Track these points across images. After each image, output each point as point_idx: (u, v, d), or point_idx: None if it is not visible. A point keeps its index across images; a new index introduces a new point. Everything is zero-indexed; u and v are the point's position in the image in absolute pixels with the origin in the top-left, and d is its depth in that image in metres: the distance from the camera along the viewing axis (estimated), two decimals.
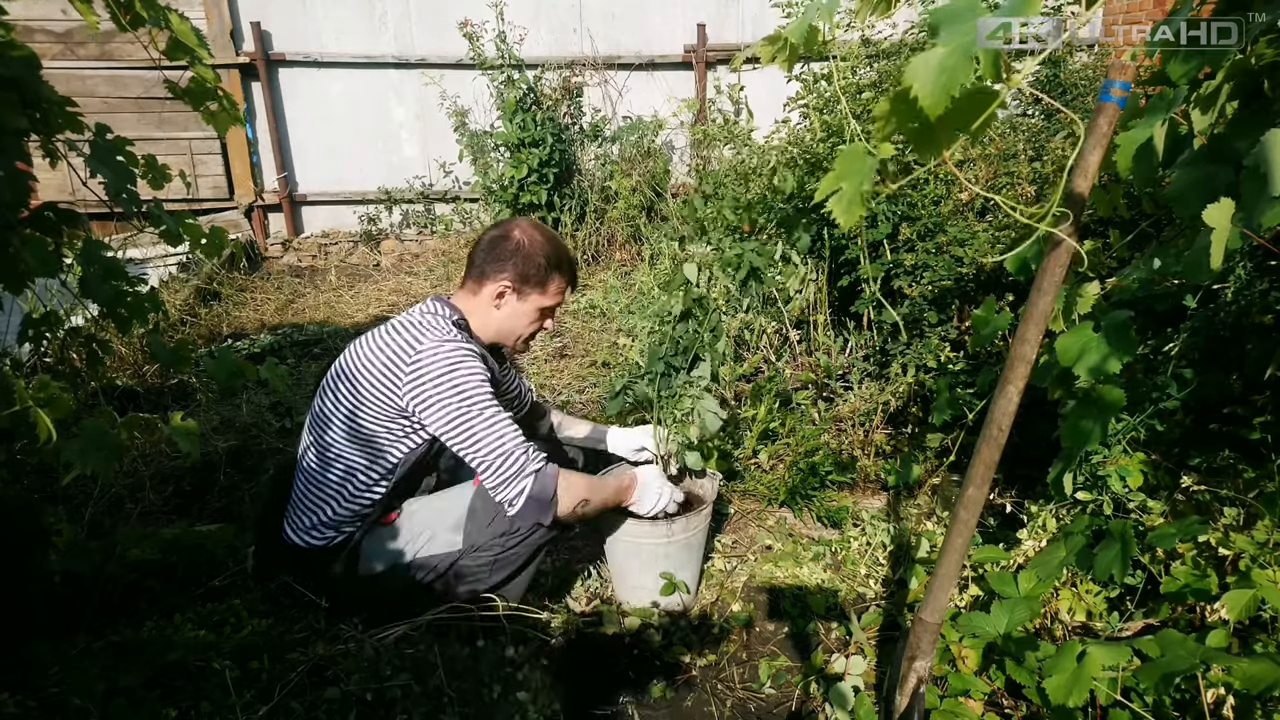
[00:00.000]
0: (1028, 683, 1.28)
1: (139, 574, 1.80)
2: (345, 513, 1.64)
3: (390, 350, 1.58)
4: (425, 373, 1.54)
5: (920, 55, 0.70)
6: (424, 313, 1.65)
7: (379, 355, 1.59)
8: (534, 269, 1.65)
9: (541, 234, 1.69)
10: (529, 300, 1.68)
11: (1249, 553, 1.33)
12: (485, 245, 1.68)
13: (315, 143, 5.59)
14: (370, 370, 1.59)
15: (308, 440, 1.70)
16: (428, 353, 1.55)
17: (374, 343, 1.62)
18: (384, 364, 1.57)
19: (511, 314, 1.69)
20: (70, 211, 1.40)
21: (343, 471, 1.63)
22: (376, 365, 1.58)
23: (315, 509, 1.64)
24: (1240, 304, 1.59)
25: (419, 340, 1.57)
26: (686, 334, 1.75)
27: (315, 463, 1.66)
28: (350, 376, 1.62)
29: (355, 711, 1.46)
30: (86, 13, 1.30)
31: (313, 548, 1.65)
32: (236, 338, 3.78)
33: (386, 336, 1.61)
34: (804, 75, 2.99)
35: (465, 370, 1.55)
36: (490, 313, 1.69)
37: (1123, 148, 1.00)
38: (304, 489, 1.67)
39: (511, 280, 1.66)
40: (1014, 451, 1.91)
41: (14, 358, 2.05)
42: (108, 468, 1.20)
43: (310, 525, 1.65)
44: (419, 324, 1.61)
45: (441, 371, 1.54)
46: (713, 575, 1.97)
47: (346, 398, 1.61)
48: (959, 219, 2.40)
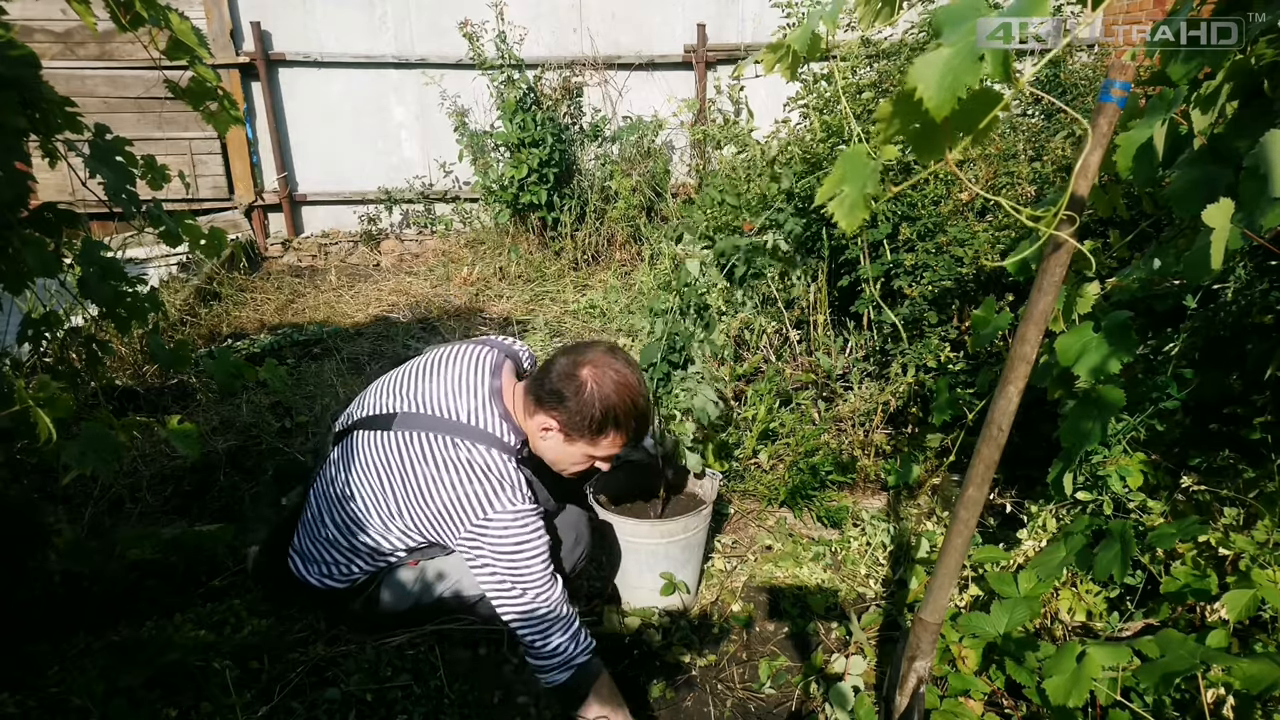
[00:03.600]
0: (1028, 683, 1.28)
1: (139, 574, 1.80)
2: (361, 569, 1.60)
3: (458, 494, 1.45)
4: (490, 544, 1.44)
5: (925, 56, 0.70)
6: (492, 442, 1.48)
7: (443, 491, 1.46)
8: (586, 421, 1.47)
9: (614, 382, 1.47)
10: (577, 445, 1.52)
11: (1249, 553, 1.33)
12: (558, 371, 1.50)
13: (315, 142, 5.59)
14: (429, 499, 1.47)
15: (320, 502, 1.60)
16: (498, 524, 1.43)
17: (435, 463, 1.47)
18: (447, 505, 1.46)
19: (555, 449, 1.54)
20: (70, 212, 1.40)
21: (364, 544, 1.56)
22: (438, 501, 1.46)
23: (331, 564, 1.59)
24: (1240, 304, 1.59)
25: (493, 503, 1.44)
26: (681, 329, 1.75)
27: (333, 528, 1.57)
28: (392, 472, 1.50)
29: (355, 712, 1.46)
30: (85, 14, 1.30)
31: (329, 589, 1.61)
32: (236, 338, 3.77)
33: (455, 470, 1.45)
34: (804, 75, 2.98)
35: (531, 549, 1.45)
36: (537, 440, 1.55)
37: (1123, 148, 1.00)
38: (315, 540, 1.60)
39: (560, 422, 1.50)
40: (1014, 451, 1.91)
41: (14, 358, 2.05)
42: (107, 468, 1.20)
43: (324, 574, 1.60)
44: (488, 473, 1.45)
45: (510, 549, 1.44)
46: (713, 575, 1.97)
47: (384, 492, 1.51)
48: (959, 219, 2.40)
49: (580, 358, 1.50)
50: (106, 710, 1.35)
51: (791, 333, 2.72)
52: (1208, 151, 0.96)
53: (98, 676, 1.42)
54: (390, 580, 1.63)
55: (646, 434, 1.58)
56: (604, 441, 1.51)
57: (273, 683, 1.51)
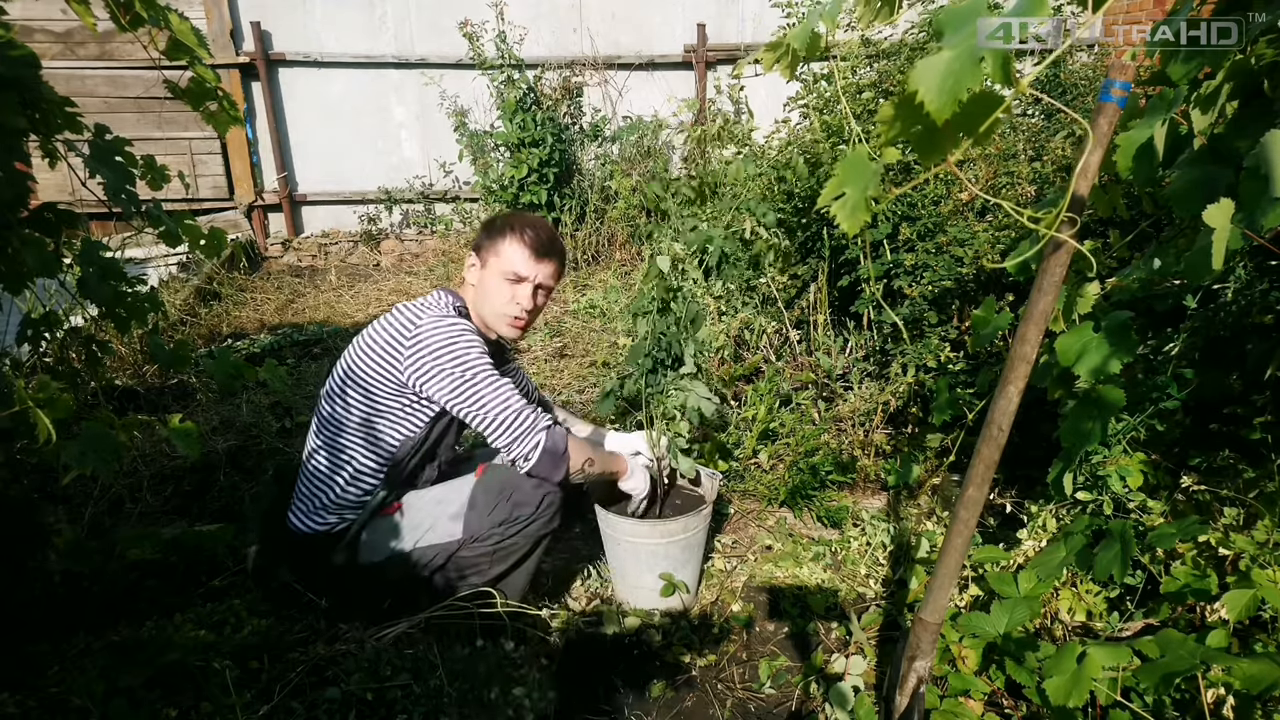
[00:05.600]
0: (1028, 683, 1.28)
1: (139, 574, 1.80)
2: (346, 498, 1.66)
3: (391, 330, 1.63)
4: (425, 346, 1.59)
5: (926, 59, 0.70)
6: (424, 299, 1.71)
7: (380, 335, 1.64)
8: (488, 236, 1.70)
9: (517, 213, 1.74)
10: (489, 267, 1.70)
11: (1249, 553, 1.33)
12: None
13: (315, 142, 5.59)
14: (372, 350, 1.63)
15: (315, 442, 1.72)
16: (427, 328, 1.60)
17: (375, 326, 1.68)
18: (385, 342, 1.62)
19: (482, 289, 1.71)
20: (69, 212, 1.40)
21: (343, 456, 1.65)
22: (378, 344, 1.63)
23: (317, 494, 1.67)
24: (1240, 304, 1.59)
25: (418, 317, 1.62)
26: (668, 328, 1.75)
27: (317, 448, 1.69)
28: (352, 361, 1.66)
29: (355, 711, 1.46)
30: (84, 14, 1.30)
31: (316, 533, 1.67)
32: (236, 338, 3.77)
33: (387, 320, 1.67)
34: (804, 75, 2.98)
35: (465, 343, 1.60)
36: (471, 295, 1.73)
37: (1123, 148, 1.00)
38: (307, 475, 1.70)
39: (476, 253, 1.72)
40: (1014, 451, 1.91)
41: (14, 358, 2.05)
42: (107, 468, 1.20)
43: (312, 509, 1.67)
44: (418, 305, 1.67)
45: (442, 344, 1.59)
46: (713, 575, 1.97)
47: (348, 380, 1.65)
48: (959, 219, 2.40)
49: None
50: (106, 710, 1.35)
51: (791, 333, 2.72)
52: (1208, 151, 0.96)
53: (98, 676, 1.42)
54: (368, 531, 1.69)
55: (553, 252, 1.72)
56: (504, 247, 1.67)
57: (273, 683, 1.51)
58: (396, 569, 1.67)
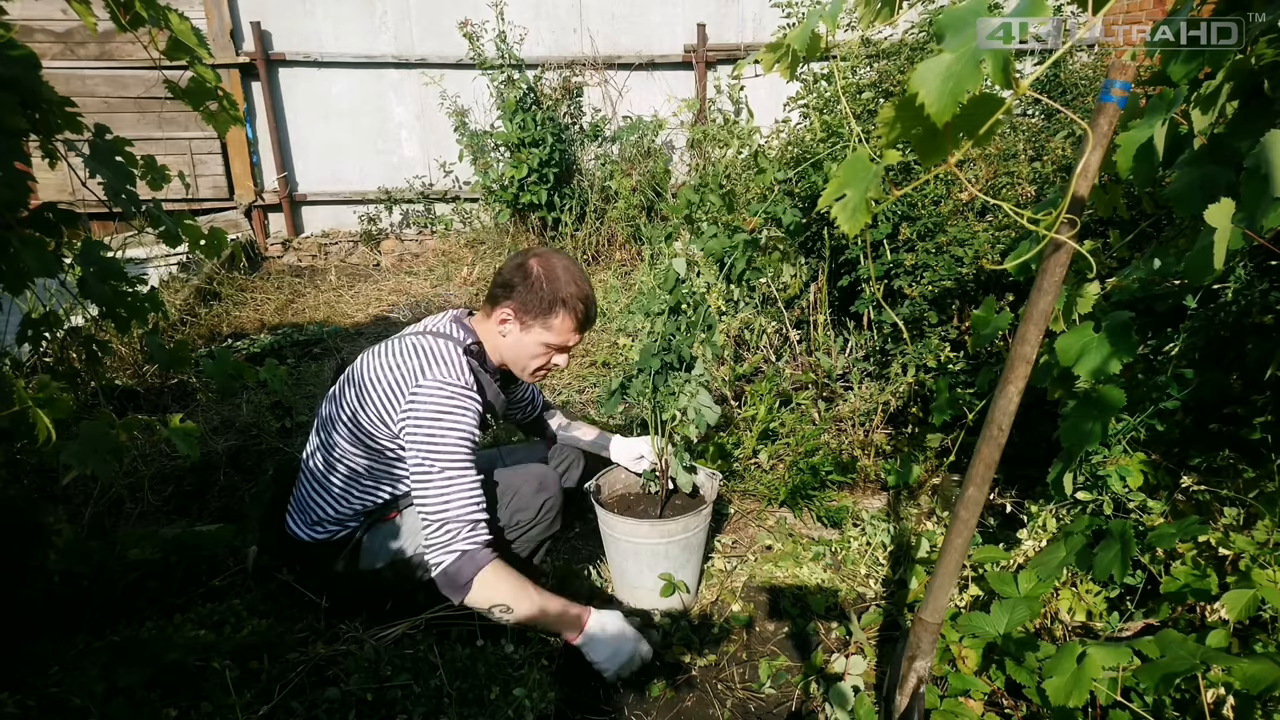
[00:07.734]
0: (1028, 683, 1.28)
1: (139, 574, 1.80)
2: (348, 510, 1.66)
3: (400, 371, 1.57)
4: (415, 410, 1.52)
5: (926, 62, 0.70)
6: (441, 335, 1.63)
7: (389, 372, 1.58)
8: (537, 301, 1.59)
9: (560, 267, 1.61)
10: (532, 333, 1.62)
11: (1249, 553, 1.33)
12: (505, 270, 1.64)
13: (315, 142, 5.59)
14: (378, 385, 1.58)
15: (315, 441, 1.71)
16: (426, 391, 1.53)
17: (388, 357, 1.61)
18: (391, 383, 1.57)
19: (515, 344, 1.65)
20: (70, 212, 1.40)
21: (347, 473, 1.64)
22: (384, 382, 1.58)
23: (319, 506, 1.66)
24: (1240, 304, 1.59)
25: (425, 371, 1.55)
26: (679, 330, 1.74)
27: (321, 463, 1.67)
28: (359, 383, 1.62)
29: (355, 711, 1.46)
30: (84, 14, 1.30)
31: (316, 541, 1.67)
32: (236, 338, 3.77)
33: (401, 354, 1.60)
34: (804, 75, 2.98)
35: (450, 420, 1.52)
36: (496, 339, 1.66)
37: (1123, 148, 1.00)
38: (309, 486, 1.68)
39: (514, 309, 1.61)
40: (1014, 451, 1.91)
41: (14, 358, 2.05)
42: (107, 468, 1.20)
43: (314, 521, 1.66)
44: (431, 352, 1.58)
45: (430, 415, 1.51)
46: (713, 575, 1.97)
47: (353, 403, 1.62)
48: (959, 219, 2.40)
49: (524, 255, 1.64)
50: (106, 710, 1.35)
51: (791, 333, 2.72)
52: (1208, 151, 0.96)
53: (98, 676, 1.42)
54: (368, 538, 1.68)
55: (595, 318, 1.68)
56: (556, 322, 1.61)
57: (273, 682, 1.51)
58: (397, 575, 1.67)
